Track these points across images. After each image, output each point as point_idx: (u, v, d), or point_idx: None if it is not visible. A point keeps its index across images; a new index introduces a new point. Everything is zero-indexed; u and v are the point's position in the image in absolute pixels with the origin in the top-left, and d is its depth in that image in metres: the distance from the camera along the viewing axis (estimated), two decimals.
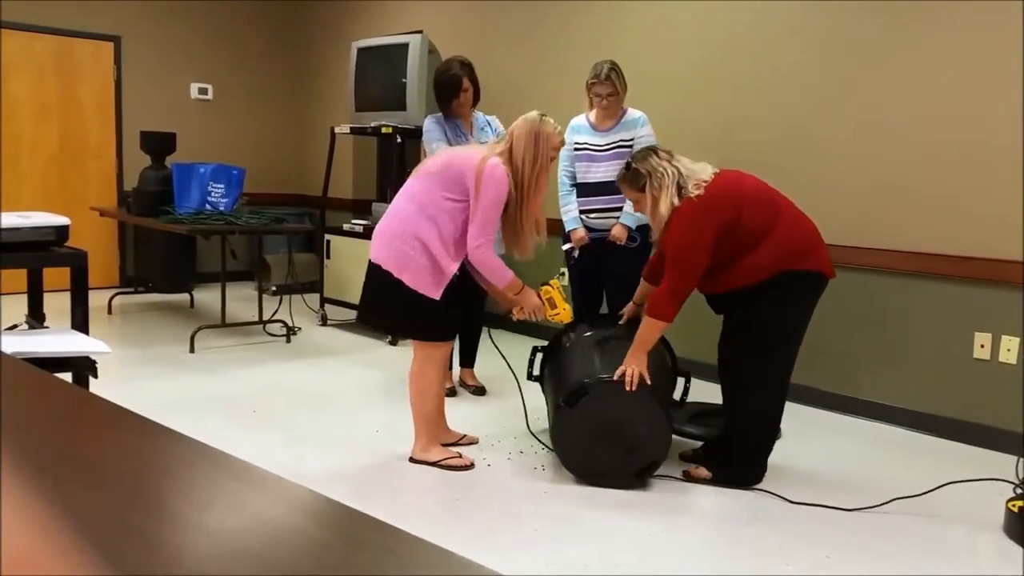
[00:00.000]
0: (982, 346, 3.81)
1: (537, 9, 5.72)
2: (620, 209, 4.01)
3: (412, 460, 3.34)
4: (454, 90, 4.14)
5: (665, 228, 3.10)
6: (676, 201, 3.05)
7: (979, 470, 3.43)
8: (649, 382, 3.08)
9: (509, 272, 3.23)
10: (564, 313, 3.39)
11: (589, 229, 4.10)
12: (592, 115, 4.12)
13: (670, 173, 3.08)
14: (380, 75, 5.89)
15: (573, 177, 4.14)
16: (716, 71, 4.74)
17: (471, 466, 3.30)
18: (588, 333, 3.51)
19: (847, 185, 4.23)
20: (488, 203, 3.10)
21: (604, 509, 2.96)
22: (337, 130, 6.06)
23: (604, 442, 3.12)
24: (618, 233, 3.99)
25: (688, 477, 3.27)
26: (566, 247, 4.15)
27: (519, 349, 4.15)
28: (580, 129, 4.13)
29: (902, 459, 3.64)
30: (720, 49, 4.71)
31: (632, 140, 4.01)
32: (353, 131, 5.95)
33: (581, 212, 4.10)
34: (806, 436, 3.88)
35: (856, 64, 4.17)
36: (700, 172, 3.11)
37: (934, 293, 3.95)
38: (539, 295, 3.35)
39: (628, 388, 3.04)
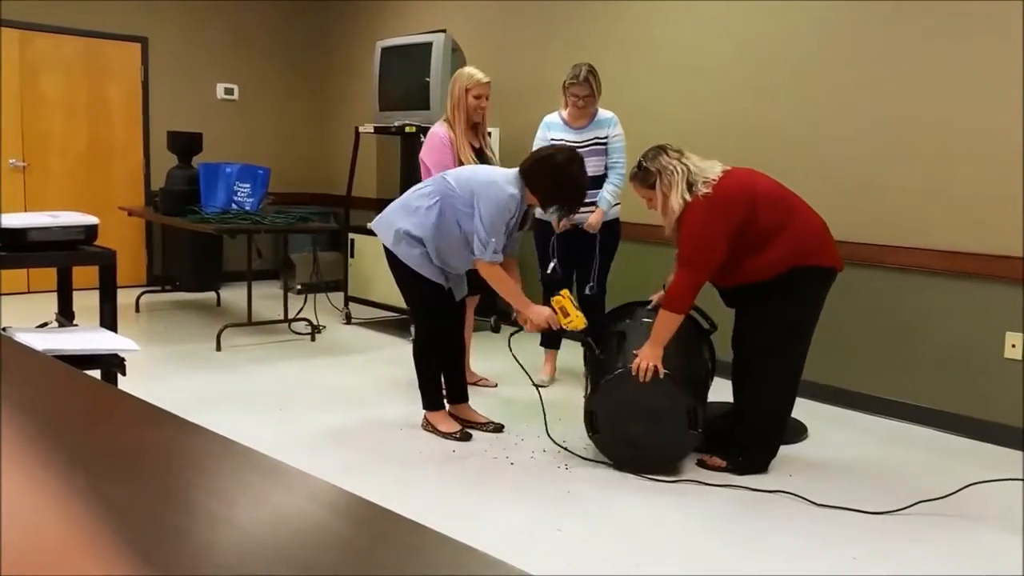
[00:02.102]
0: (1013, 346, 3.76)
1: (561, 8, 5.71)
2: (596, 204, 4.24)
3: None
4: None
5: (678, 224, 3.17)
6: (688, 197, 3.12)
7: (1008, 472, 3.39)
8: (662, 375, 3.17)
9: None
10: (577, 320, 3.44)
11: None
12: (566, 113, 4.31)
13: (679, 170, 3.16)
14: (404, 74, 5.91)
15: None
16: (742, 70, 4.70)
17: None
18: (631, 320, 3.61)
19: (878, 183, 4.18)
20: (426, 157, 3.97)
21: (627, 509, 2.96)
22: (361, 129, 6.09)
23: (634, 425, 3.23)
24: (595, 220, 4.24)
25: (703, 465, 3.34)
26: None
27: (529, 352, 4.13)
28: (554, 126, 4.32)
29: (930, 460, 3.59)
30: (746, 48, 4.68)
31: (606, 138, 4.27)
32: (377, 130, 5.97)
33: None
34: (834, 436, 3.85)
35: (884, 60, 4.12)
36: (709, 170, 3.18)
37: (965, 292, 3.90)
38: (551, 305, 3.47)
39: (642, 380, 3.15)
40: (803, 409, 4.11)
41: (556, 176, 3.37)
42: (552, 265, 4.36)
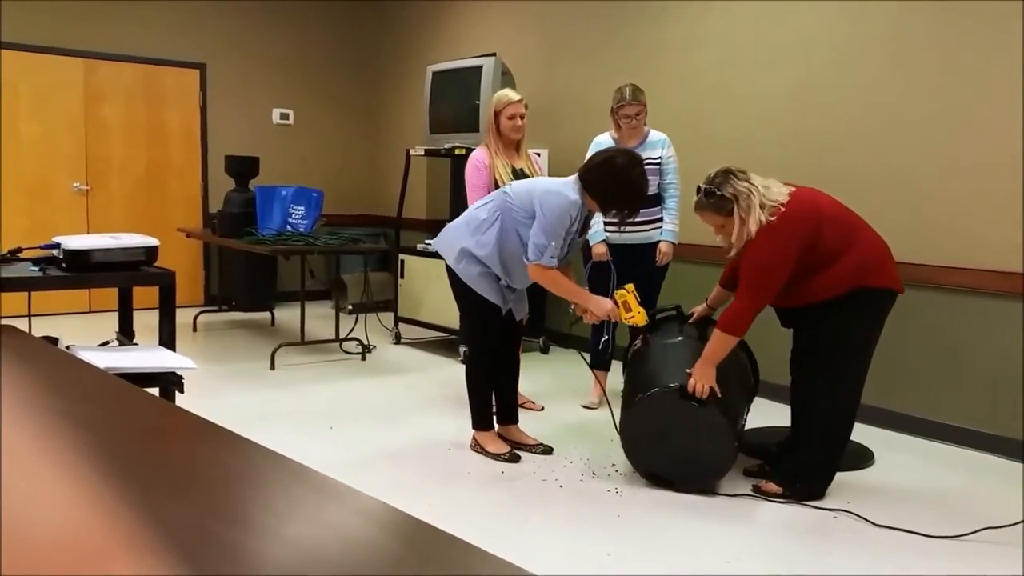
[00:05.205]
0: None
1: (609, 30, 5.73)
2: (649, 223, 4.27)
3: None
4: None
5: (751, 242, 3.09)
6: (763, 219, 3.04)
7: None
8: (719, 395, 3.15)
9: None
10: (639, 316, 3.42)
11: (612, 244, 4.30)
12: (617, 134, 4.32)
13: (755, 193, 3.09)
14: (454, 98, 5.98)
15: None
16: (790, 88, 4.65)
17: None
18: (673, 334, 3.57)
19: (935, 200, 4.09)
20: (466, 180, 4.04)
21: (677, 532, 2.92)
22: (412, 152, 6.16)
23: (669, 444, 3.23)
24: (667, 250, 4.31)
25: (758, 492, 3.27)
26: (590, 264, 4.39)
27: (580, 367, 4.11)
28: (605, 146, 4.26)
29: (990, 486, 3.48)
30: (795, 66, 4.63)
31: (659, 159, 4.29)
32: (427, 153, 6.04)
33: (610, 224, 4.31)
34: (895, 462, 3.75)
35: (938, 77, 4.04)
36: (775, 192, 3.11)
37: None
38: (614, 299, 3.45)
39: (699, 397, 3.15)
40: (864, 434, 4.03)
41: (617, 180, 3.34)
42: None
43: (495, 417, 3.78)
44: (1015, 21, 3.77)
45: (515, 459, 3.59)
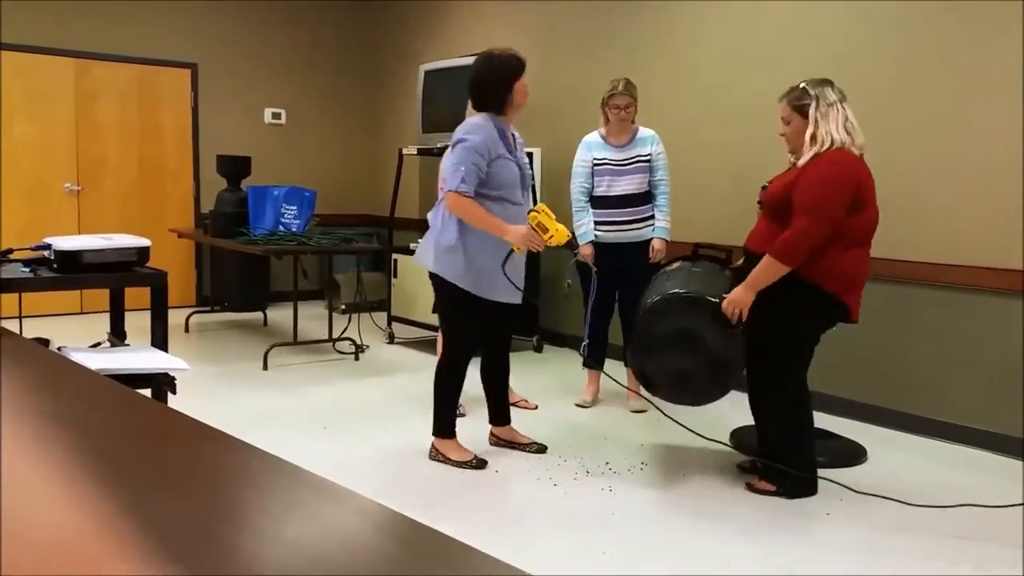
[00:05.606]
0: None
1: (603, 30, 5.73)
2: (640, 221, 4.29)
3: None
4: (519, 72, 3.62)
5: (810, 166, 3.01)
6: (836, 137, 3.00)
7: None
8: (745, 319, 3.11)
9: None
10: (558, 234, 3.34)
11: (604, 243, 4.29)
12: (605, 131, 4.35)
13: (840, 109, 3.05)
14: (447, 97, 5.97)
15: (587, 193, 4.35)
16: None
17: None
18: (713, 270, 3.49)
19: (933, 198, 4.10)
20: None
21: (672, 530, 2.92)
22: (405, 151, 6.15)
23: (679, 351, 3.17)
24: (660, 247, 4.28)
25: (752, 489, 3.27)
26: (577, 259, 4.30)
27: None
28: (594, 145, 4.35)
29: (988, 483, 3.49)
30: (791, 66, 4.64)
31: (649, 155, 4.31)
32: (420, 152, 6.03)
33: (602, 224, 4.31)
34: (889, 459, 3.76)
35: (940, 76, 4.05)
36: (856, 134, 3.07)
37: (1018, 310, 3.80)
38: (529, 224, 3.36)
39: (733, 322, 3.07)
40: (859, 431, 4.04)
41: (473, 84, 3.52)
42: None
43: (489, 419, 3.77)
44: (1015, 21, 3.78)
45: (482, 465, 3.51)
